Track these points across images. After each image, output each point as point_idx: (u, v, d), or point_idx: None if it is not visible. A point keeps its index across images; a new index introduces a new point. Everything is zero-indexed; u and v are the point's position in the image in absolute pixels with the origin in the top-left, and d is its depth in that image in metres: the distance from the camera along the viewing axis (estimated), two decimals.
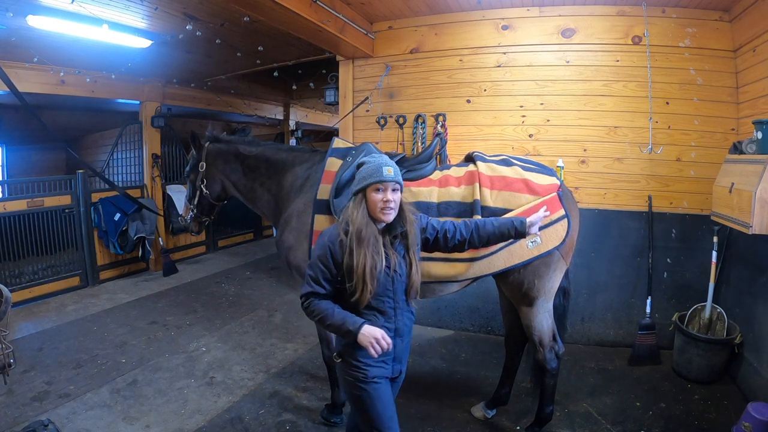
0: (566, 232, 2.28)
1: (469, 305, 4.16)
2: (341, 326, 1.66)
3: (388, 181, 1.70)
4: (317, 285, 1.72)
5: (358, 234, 1.66)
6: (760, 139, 2.56)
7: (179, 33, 4.17)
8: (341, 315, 1.68)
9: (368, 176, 1.72)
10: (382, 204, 1.70)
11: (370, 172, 1.72)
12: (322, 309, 1.69)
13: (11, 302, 2.39)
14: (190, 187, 3.08)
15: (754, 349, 2.93)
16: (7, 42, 4.02)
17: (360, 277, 1.64)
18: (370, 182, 1.70)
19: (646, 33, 3.53)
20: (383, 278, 1.70)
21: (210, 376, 3.35)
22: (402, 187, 1.77)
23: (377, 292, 1.70)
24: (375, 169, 1.72)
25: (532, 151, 3.85)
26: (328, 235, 1.74)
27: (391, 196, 1.70)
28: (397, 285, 1.75)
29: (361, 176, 1.75)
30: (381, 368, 1.76)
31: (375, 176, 1.70)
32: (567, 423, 2.74)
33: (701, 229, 3.53)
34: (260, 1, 2.80)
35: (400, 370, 1.86)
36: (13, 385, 3.06)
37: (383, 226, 1.75)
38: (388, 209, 1.70)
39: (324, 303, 1.70)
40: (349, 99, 4.43)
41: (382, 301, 1.73)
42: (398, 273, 1.74)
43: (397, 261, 1.74)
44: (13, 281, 4.74)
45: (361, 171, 1.77)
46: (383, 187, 1.70)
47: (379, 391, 1.75)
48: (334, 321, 1.67)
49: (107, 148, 6.90)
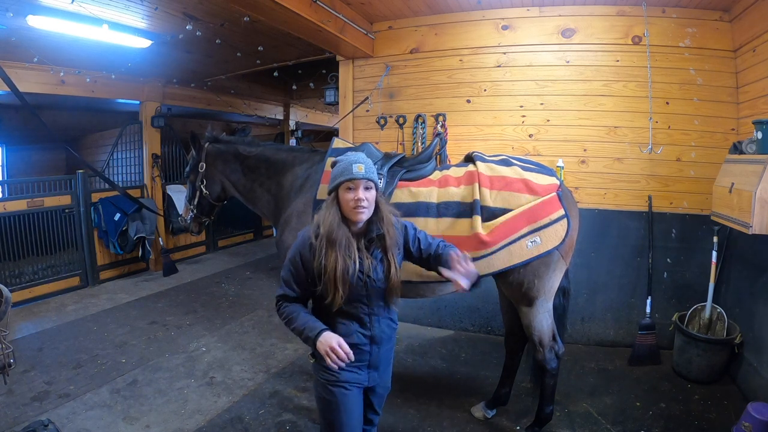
0: (566, 232, 2.28)
1: (469, 305, 4.16)
2: (302, 332, 1.60)
3: (359, 179, 1.61)
4: (288, 288, 1.66)
5: (329, 236, 1.59)
6: (760, 139, 2.56)
7: (179, 33, 4.17)
8: (304, 320, 1.61)
9: (339, 175, 1.64)
10: (354, 203, 1.61)
11: (341, 171, 1.64)
12: (289, 312, 1.64)
13: (11, 302, 2.39)
14: (190, 187, 3.08)
15: (754, 349, 2.93)
16: (7, 42, 4.02)
17: (330, 281, 1.57)
18: (340, 181, 1.63)
19: (646, 33, 3.53)
20: (356, 283, 1.62)
21: (210, 376, 3.35)
22: (377, 186, 1.69)
23: (350, 297, 1.62)
24: (345, 167, 1.64)
25: (532, 151, 3.85)
26: (300, 237, 1.68)
27: (363, 194, 1.61)
28: (372, 291, 1.66)
29: (333, 176, 1.67)
30: (353, 373, 1.68)
31: (345, 174, 1.62)
32: (567, 423, 2.74)
33: (701, 229, 3.53)
34: (260, 1, 2.80)
35: (377, 380, 1.77)
36: (13, 385, 3.06)
37: (360, 227, 1.67)
38: (361, 208, 1.61)
39: (292, 306, 1.65)
40: (349, 99, 4.43)
41: (356, 308, 1.66)
42: (373, 278, 1.65)
43: (371, 265, 1.65)
44: (13, 281, 4.74)
45: (333, 170, 1.69)
46: (354, 186, 1.62)
47: (346, 398, 1.68)
48: (297, 325, 1.61)
49: (107, 148, 6.90)
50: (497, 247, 2.26)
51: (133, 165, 6.46)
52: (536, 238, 2.26)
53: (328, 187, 1.69)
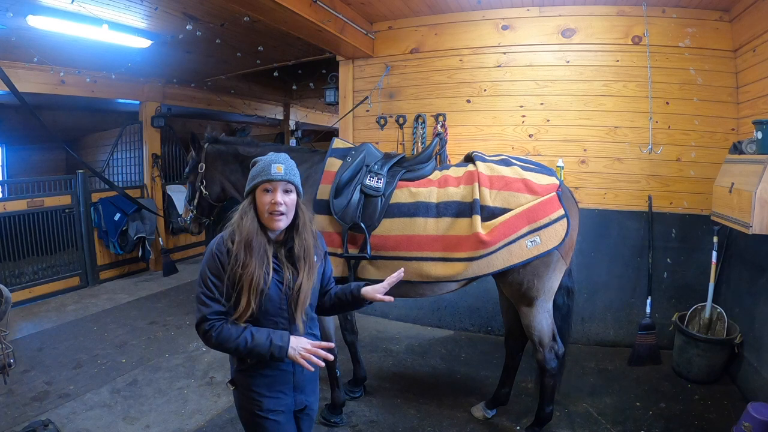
0: (566, 232, 2.28)
1: (469, 305, 4.16)
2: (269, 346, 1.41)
3: (277, 180, 1.47)
4: (214, 302, 1.43)
5: (247, 242, 1.43)
6: (760, 139, 2.56)
7: (179, 33, 4.17)
8: (263, 332, 1.42)
9: (256, 175, 1.48)
10: (270, 207, 1.46)
11: (258, 171, 1.49)
12: (233, 331, 1.41)
13: (11, 302, 2.39)
14: (189, 188, 3.08)
15: (754, 349, 2.93)
16: (7, 42, 4.02)
17: (244, 291, 1.41)
18: (258, 182, 1.47)
19: (646, 33, 3.53)
20: (275, 295, 1.47)
21: (210, 376, 3.35)
22: (298, 190, 1.54)
23: (268, 311, 1.46)
24: (264, 167, 1.49)
25: (532, 151, 3.85)
26: (215, 244, 1.48)
27: (281, 197, 1.46)
28: (288, 303, 1.51)
29: (250, 176, 1.51)
30: (278, 399, 1.52)
31: (263, 175, 1.47)
32: (567, 423, 2.74)
33: (701, 229, 3.53)
34: (260, 1, 2.80)
35: (304, 402, 1.60)
36: (13, 385, 3.06)
37: (279, 235, 1.53)
38: (278, 214, 1.46)
39: (234, 327, 1.42)
40: (349, 99, 4.43)
41: (275, 322, 1.48)
42: (291, 290, 1.50)
43: (292, 276, 1.50)
44: (13, 281, 4.74)
45: (252, 170, 1.52)
46: (272, 187, 1.47)
47: (277, 428, 1.53)
48: (257, 341, 1.40)
49: (107, 148, 6.91)
50: (497, 247, 2.26)
51: (133, 165, 6.46)
52: (536, 238, 2.26)
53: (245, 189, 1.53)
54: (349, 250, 2.49)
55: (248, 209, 1.49)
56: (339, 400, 2.78)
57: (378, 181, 2.51)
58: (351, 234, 2.49)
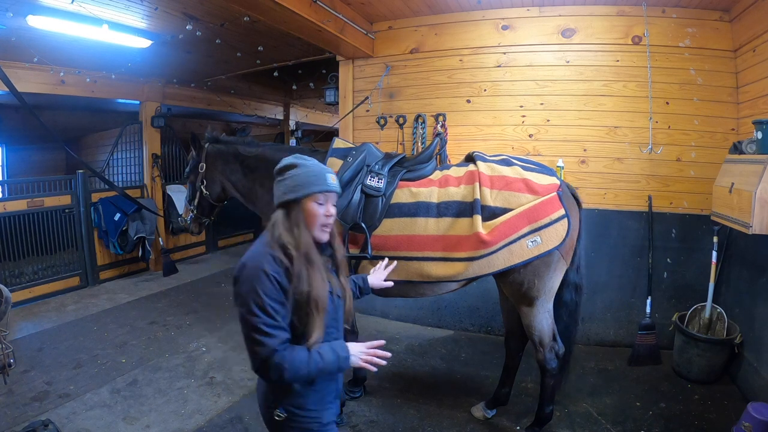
0: (566, 232, 2.28)
1: (469, 305, 4.16)
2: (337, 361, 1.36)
3: (333, 192, 1.42)
4: (281, 330, 1.30)
5: (308, 258, 1.35)
6: (760, 139, 2.56)
7: (179, 33, 4.17)
8: (325, 350, 1.35)
9: (308, 183, 1.39)
10: (324, 219, 1.41)
11: (312, 179, 1.39)
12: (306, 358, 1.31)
13: (11, 302, 2.39)
14: (190, 188, 3.08)
15: (754, 349, 2.93)
16: (7, 42, 4.02)
17: (314, 309, 1.33)
18: (311, 192, 1.38)
19: (646, 33, 3.54)
20: (330, 307, 1.42)
21: (210, 376, 3.35)
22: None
23: (325, 323, 1.40)
24: (318, 175, 1.40)
25: (532, 151, 3.85)
26: (265, 263, 1.31)
27: (332, 210, 1.43)
28: (339, 312, 1.50)
29: (298, 182, 1.39)
30: (330, 410, 1.49)
31: (318, 185, 1.39)
32: (567, 423, 2.74)
33: (701, 229, 3.53)
34: (260, 1, 2.80)
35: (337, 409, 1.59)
36: (13, 385, 3.06)
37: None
38: (329, 226, 1.43)
39: (298, 352, 1.31)
40: (349, 99, 4.43)
41: (328, 333, 1.42)
42: (340, 298, 1.49)
43: (338, 285, 1.48)
44: (13, 281, 4.74)
45: (295, 176, 1.40)
46: (325, 199, 1.41)
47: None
48: (326, 360, 1.33)
49: (107, 148, 6.90)
50: (497, 247, 2.26)
51: (133, 165, 6.46)
52: (537, 238, 2.26)
53: (283, 196, 1.41)
54: (349, 250, 2.50)
55: (299, 220, 1.39)
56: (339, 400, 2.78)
57: (379, 181, 2.51)
58: (352, 234, 2.49)
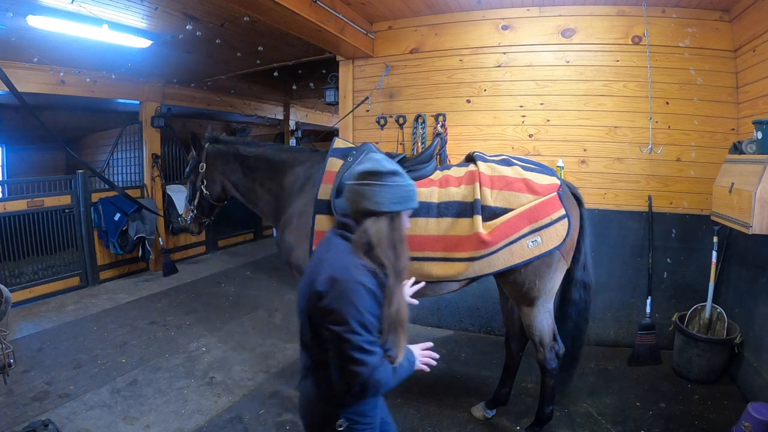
0: (567, 232, 2.28)
1: (469, 305, 4.16)
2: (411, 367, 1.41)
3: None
4: (378, 347, 1.27)
5: (399, 274, 1.30)
6: (760, 139, 2.56)
7: (179, 33, 4.17)
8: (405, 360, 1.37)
9: (409, 198, 1.34)
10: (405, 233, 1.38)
11: (411, 194, 1.35)
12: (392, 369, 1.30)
13: (11, 302, 2.39)
14: (190, 188, 3.08)
15: (754, 349, 2.94)
16: (7, 42, 4.02)
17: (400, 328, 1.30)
18: (410, 206, 1.35)
19: (646, 33, 3.54)
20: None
21: (210, 376, 3.35)
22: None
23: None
24: (413, 190, 1.36)
25: (532, 151, 3.85)
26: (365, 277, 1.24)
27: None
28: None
29: (404, 193, 1.32)
30: (381, 408, 1.53)
31: (412, 201, 1.36)
32: (567, 423, 2.74)
33: (701, 229, 3.53)
34: (260, 1, 2.80)
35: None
36: (13, 385, 3.06)
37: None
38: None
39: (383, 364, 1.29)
40: (349, 99, 4.43)
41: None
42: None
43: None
44: (13, 281, 4.74)
45: (402, 186, 1.33)
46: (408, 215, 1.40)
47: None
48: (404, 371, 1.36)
49: (107, 148, 6.90)
50: (498, 247, 2.26)
51: (133, 165, 6.46)
52: (537, 238, 2.26)
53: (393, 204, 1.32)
54: None
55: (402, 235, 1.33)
56: None
57: None
58: None
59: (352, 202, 1.34)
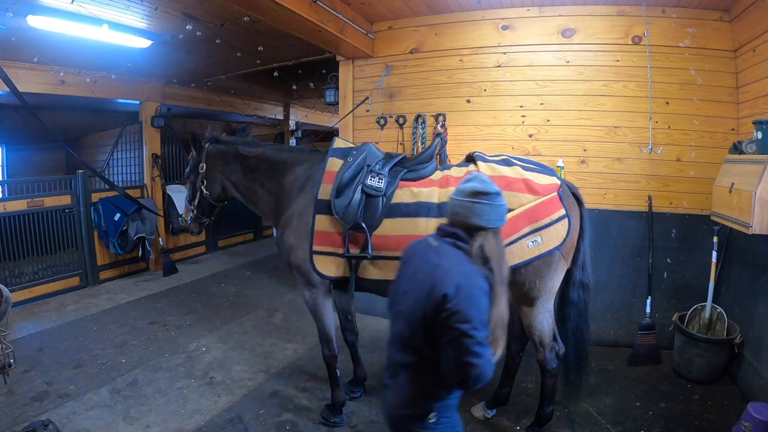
0: (567, 232, 2.28)
1: None
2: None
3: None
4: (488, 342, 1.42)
5: (504, 277, 1.48)
6: (760, 139, 2.57)
7: (179, 33, 4.17)
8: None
9: (505, 216, 1.55)
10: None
11: (506, 212, 1.55)
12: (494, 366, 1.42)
13: (11, 302, 2.39)
14: (190, 188, 3.08)
15: (754, 349, 2.94)
16: (7, 42, 4.02)
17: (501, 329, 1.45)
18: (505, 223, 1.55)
19: (646, 33, 3.54)
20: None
21: (210, 376, 3.35)
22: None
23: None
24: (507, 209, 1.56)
25: (532, 151, 3.85)
26: (481, 281, 1.42)
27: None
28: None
29: (502, 213, 1.52)
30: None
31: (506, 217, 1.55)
32: (567, 423, 2.74)
33: (701, 229, 3.53)
34: (260, 1, 2.80)
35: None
36: (13, 385, 3.06)
37: None
38: None
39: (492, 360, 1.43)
40: (349, 99, 4.43)
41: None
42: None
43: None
44: (13, 281, 4.74)
45: (501, 207, 1.52)
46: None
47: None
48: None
49: (107, 148, 6.90)
50: None
51: (133, 165, 6.46)
52: (537, 238, 2.26)
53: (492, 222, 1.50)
54: (350, 250, 2.50)
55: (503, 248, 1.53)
56: (339, 400, 2.78)
57: (379, 181, 2.51)
58: (352, 234, 2.49)
59: (462, 216, 1.50)
